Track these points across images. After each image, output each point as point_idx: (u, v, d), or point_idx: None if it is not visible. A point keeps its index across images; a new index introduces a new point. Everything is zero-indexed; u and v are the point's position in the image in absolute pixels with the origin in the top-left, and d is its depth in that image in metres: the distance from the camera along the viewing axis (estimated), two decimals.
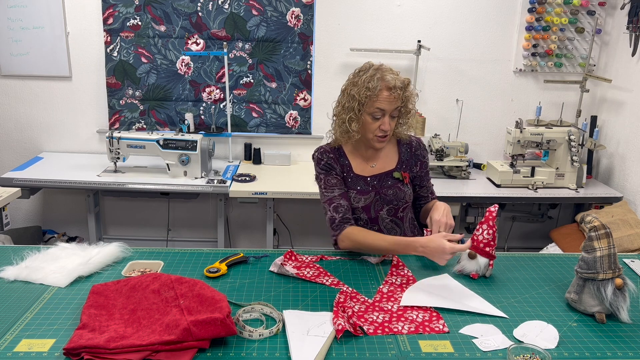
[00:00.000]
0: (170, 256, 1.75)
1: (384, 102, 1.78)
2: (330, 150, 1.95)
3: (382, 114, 1.81)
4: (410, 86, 1.84)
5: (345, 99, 1.86)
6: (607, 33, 3.52)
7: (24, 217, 3.76)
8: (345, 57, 3.50)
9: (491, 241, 1.64)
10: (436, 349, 1.28)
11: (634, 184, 3.20)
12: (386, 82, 1.77)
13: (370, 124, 1.83)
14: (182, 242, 3.81)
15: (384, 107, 1.79)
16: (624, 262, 1.80)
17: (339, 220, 1.85)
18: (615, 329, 1.39)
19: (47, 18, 3.36)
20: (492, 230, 1.63)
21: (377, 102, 1.78)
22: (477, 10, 3.46)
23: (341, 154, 1.96)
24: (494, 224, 1.64)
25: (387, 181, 1.94)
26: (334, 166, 1.92)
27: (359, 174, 1.94)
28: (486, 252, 1.64)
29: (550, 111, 3.61)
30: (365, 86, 1.78)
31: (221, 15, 3.38)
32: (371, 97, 1.78)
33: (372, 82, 1.77)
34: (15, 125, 3.58)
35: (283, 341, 1.30)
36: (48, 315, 1.38)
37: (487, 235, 1.64)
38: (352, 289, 1.57)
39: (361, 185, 1.93)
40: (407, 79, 1.84)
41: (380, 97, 1.78)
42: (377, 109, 1.79)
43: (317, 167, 1.95)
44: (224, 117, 3.54)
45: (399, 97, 1.79)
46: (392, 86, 1.77)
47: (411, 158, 1.98)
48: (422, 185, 2.02)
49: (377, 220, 1.94)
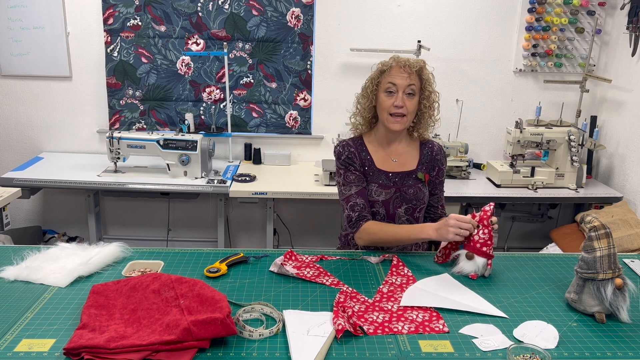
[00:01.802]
0: (170, 256, 1.75)
1: (396, 77, 1.84)
2: (351, 144, 1.97)
3: (395, 89, 1.84)
4: (426, 69, 1.89)
5: (365, 84, 1.94)
6: (607, 33, 3.52)
7: (24, 217, 3.76)
8: (345, 57, 3.50)
9: (488, 240, 1.64)
10: (436, 349, 1.28)
11: (634, 184, 3.20)
12: (398, 60, 1.86)
13: (384, 101, 1.87)
14: (182, 242, 3.81)
15: (395, 82, 1.84)
16: (624, 262, 1.80)
17: (355, 218, 1.88)
18: (615, 329, 1.39)
19: (47, 18, 3.36)
20: (488, 230, 1.63)
21: (389, 76, 1.85)
22: (477, 10, 3.46)
23: (363, 148, 1.97)
24: (489, 223, 1.64)
25: (408, 180, 1.95)
26: (354, 160, 1.94)
27: (381, 169, 1.95)
28: (483, 252, 1.64)
29: (550, 111, 3.61)
30: (381, 64, 1.90)
31: (221, 15, 3.38)
32: (383, 72, 1.87)
33: (387, 61, 1.88)
34: (15, 125, 3.58)
35: (283, 341, 1.30)
36: (48, 315, 1.38)
37: (484, 235, 1.64)
38: (352, 289, 1.57)
39: (383, 179, 1.94)
40: (422, 60, 1.90)
41: (392, 72, 1.86)
42: (390, 83, 1.85)
43: (337, 161, 1.98)
44: (224, 117, 3.54)
45: (412, 75, 1.84)
46: (404, 62, 1.85)
47: (431, 161, 1.99)
48: (434, 192, 2.02)
49: (394, 217, 1.94)
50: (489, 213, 1.64)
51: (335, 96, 3.55)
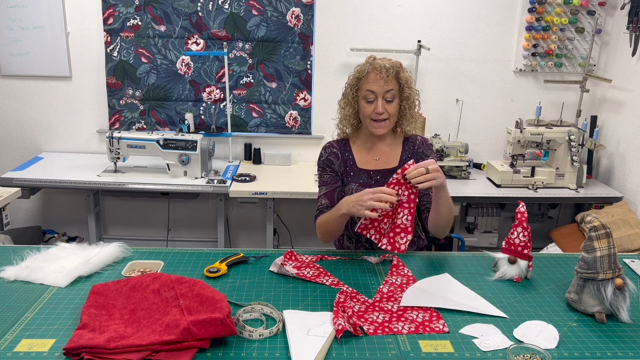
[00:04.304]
0: (170, 256, 1.75)
1: (372, 84, 1.83)
2: (335, 145, 2.00)
3: (374, 96, 1.84)
4: (403, 70, 1.87)
5: (345, 91, 1.95)
6: (607, 33, 3.52)
7: (24, 217, 3.76)
8: (345, 57, 3.50)
9: (528, 242, 1.63)
10: (436, 349, 1.28)
11: (634, 184, 3.20)
12: (374, 65, 1.84)
13: (364, 108, 1.87)
14: (182, 242, 3.81)
15: (373, 89, 1.83)
16: (624, 262, 1.80)
17: (314, 217, 1.94)
18: (615, 329, 1.39)
19: (47, 18, 3.36)
20: (527, 232, 1.63)
21: (366, 84, 1.85)
22: (477, 10, 3.46)
23: (346, 149, 1.99)
24: (527, 225, 1.63)
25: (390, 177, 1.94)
26: (333, 161, 1.97)
27: (363, 168, 1.96)
28: (525, 254, 1.64)
29: (550, 111, 3.61)
30: (357, 71, 1.89)
31: (221, 15, 3.38)
32: (360, 79, 1.86)
33: (363, 66, 1.87)
34: (15, 125, 3.58)
35: (283, 341, 1.30)
36: (48, 315, 1.38)
37: (524, 238, 1.63)
38: (352, 289, 1.57)
39: (364, 178, 1.95)
40: (398, 62, 1.88)
41: (369, 79, 1.84)
42: (368, 91, 1.85)
43: (318, 162, 2.01)
44: (224, 117, 3.54)
45: (389, 79, 1.83)
46: (379, 67, 1.82)
47: (413, 155, 1.98)
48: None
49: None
50: (525, 215, 1.62)
51: (335, 96, 3.49)
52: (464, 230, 3.47)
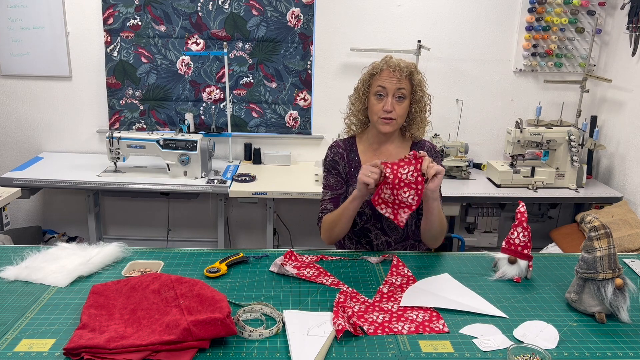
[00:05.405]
0: (170, 256, 1.75)
1: (385, 80, 1.84)
2: (342, 144, 2.00)
3: (385, 92, 1.84)
4: (418, 72, 1.89)
5: (357, 86, 1.96)
6: (607, 33, 3.52)
7: (24, 217, 3.76)
8: (345, 57, 3.50)
9: (528, 242, 1.64)
10: (436, 349, 1.28)
11: (634, 184, 3.20)
12: (389, 63, 1.86)
13: (374, 105, 1.88)
14: (182, 242, 3.81)
15: (385, 85, 1.84)
16: (624, 262, 1.80)
17: (318, 219, 1.94)
18: (615, 329, 1.39)
19: (47, 18, 3.36)
20: (527, 232, 1.63)
21: (378, 80, 1.86)
22: (477, 10, 3.46)
23: (352, 149, 1.99)
24: (527, 225, 1.63)
25: None
26: (338, 162, 1.97)
27: None
28: (525, 254, 1.64)
29: (550, 111, 3.61)
30: (371, 67, 1.90)
31: (221, 15, 3.38)
32: (374, 75, 1.87)
33: (378, 63, 1.88)
34: (15, 125, 3.58)
35: (283, 341, 1.30)
36: (48, 315, 1.38)
37: (524, 238, 1.63)
38: (352, 289, 1.57)
39: None
40: (413, 64, 1.90)
41: (382, 76, 1.85)
42: (379, 86, 1.85)
43: (324, 162, 2.02)
44: (224, 117, 3.54)
45: (402, 78, 1.84)
46: (394, 66, 1.84)
47: None
48: None
49: (381, 218, 1.94)
50: (525, 215, 1.62)
51: (335, 96, 3.55)
52: (464, 230, 3.47)
